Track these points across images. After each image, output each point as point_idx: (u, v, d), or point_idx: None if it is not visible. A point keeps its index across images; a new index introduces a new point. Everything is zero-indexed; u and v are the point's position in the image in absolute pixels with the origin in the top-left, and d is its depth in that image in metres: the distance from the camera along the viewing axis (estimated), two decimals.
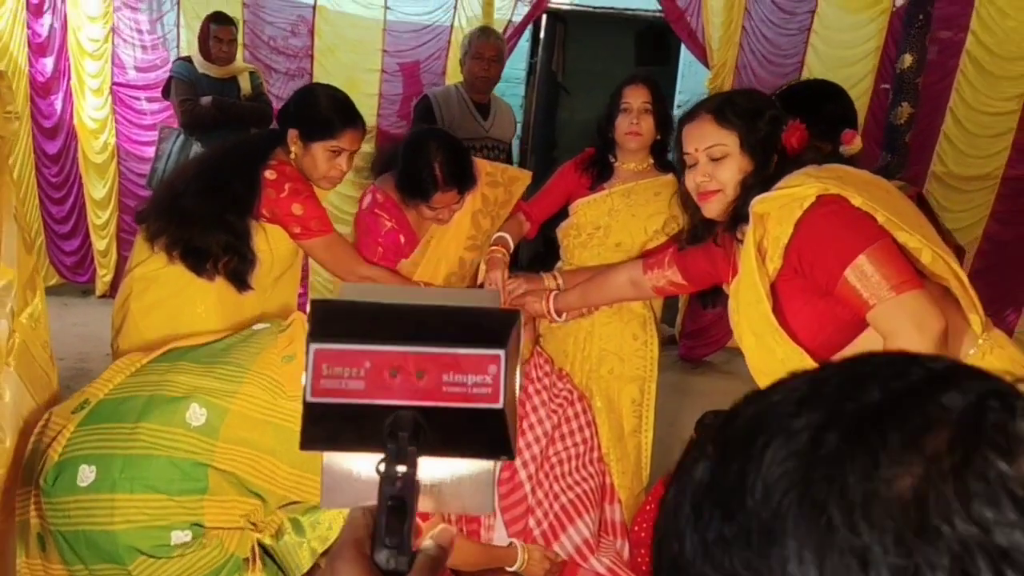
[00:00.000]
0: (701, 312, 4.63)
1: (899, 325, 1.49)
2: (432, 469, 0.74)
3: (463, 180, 2.37)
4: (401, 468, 0.71)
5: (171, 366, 1.76)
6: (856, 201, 1.55)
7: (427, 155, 2.33)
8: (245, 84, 4.34)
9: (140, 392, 1.70)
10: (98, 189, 5.13)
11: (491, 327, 0.79)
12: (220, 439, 1.67)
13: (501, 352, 0.75)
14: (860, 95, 4.53)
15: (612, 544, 2.52)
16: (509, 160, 4.00)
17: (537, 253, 3.35)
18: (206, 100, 4.13)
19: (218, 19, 4.31)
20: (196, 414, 1.66)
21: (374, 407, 0.77)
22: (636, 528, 2.56)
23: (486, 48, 3.68)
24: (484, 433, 0.77)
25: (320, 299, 1.04)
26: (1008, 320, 4.70)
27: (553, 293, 2.37)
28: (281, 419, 1.71)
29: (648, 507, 2.56)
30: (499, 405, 0.74)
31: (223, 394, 1.69)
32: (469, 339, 0.76)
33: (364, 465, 0.74)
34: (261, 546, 1.76)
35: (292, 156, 2.26)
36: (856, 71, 4.60)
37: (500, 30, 4.74)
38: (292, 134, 2.24)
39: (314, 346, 0.77)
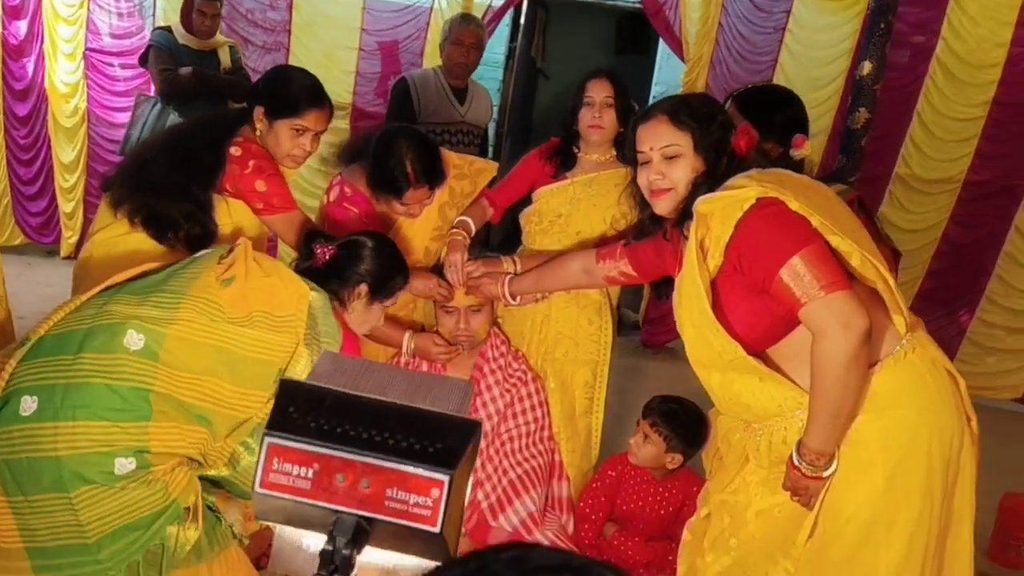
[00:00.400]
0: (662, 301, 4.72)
1: (827, 323, 1.57)
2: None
3: (434, 177, 2.40)
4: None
5: (109, 299, 1.76)
6: (793, 205, 1.62)
7: (398, 153, 2.35)
8: (225, 57, 4.34)
9: (79, 325, 1.71)
10: (67, 152, 5.11)
11: (448, 442, 0.80)
12: (160, 363, 1.67)
13: (447, 478, 0.77)
14: (831, 95, 4.63)
15: (558, 519, 2.61)
16: (484, 145, 4.04)
17: (507, 235, 3.40)
18: (186, 70, 4.13)
19: None
20: (134, 339, 1.67)
21: (318, 507, 0.80)
22: (582, 504, 2.65)
23: (466, 35, 3.68)
24: (424, 544, 0.81)
25: (289, 380, 1.06)
26: (961, 321, 4.82)
27: (508, 276, 2.43)
28: (220, 341, 1.72)
29: (594, 485, 2.64)
30: (436, 529, 0.77)
31: (160, 320, 1.70)
32: (421, 455, 0.79)
33: (314, 540, 0.78)
34: (208, 508, 1.78)
35: (257, 133, 2.28)
36: (829, 71, 4.68)
37: (481, 14, 4.77)
38: (258, 111, 2.27)
39: (268, 439, 0.80)
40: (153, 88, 4.42)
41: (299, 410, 0.83)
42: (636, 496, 2.60)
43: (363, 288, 2.09)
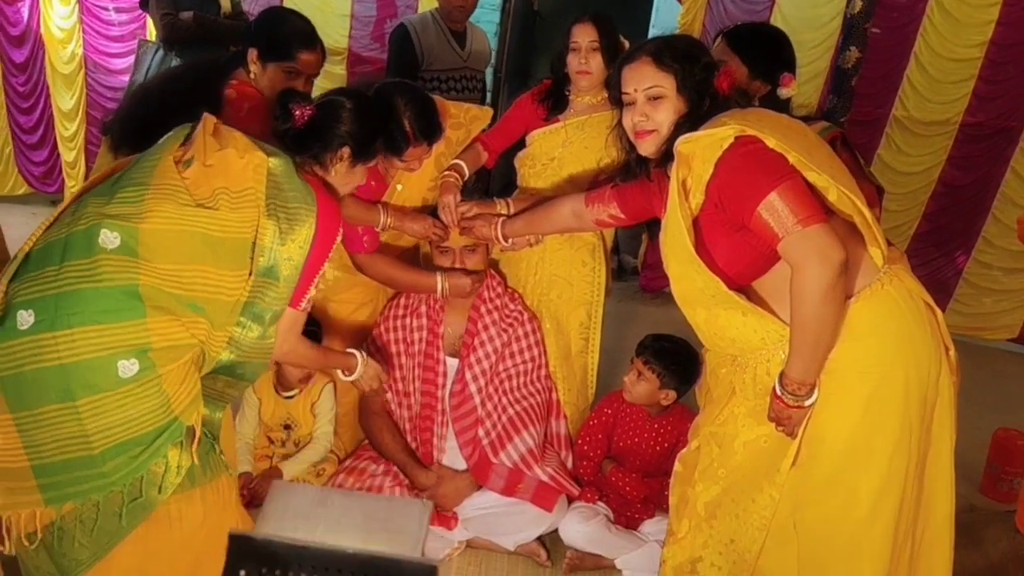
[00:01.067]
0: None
1: (804, 256, 1.61)
2: None
3: (432, 132, 2.41)
4: None
5: (79, 205, 1.78)
6: (771, 142, 1.66)
7: (396, 112, 2.35)
8: (225, 2, 4.31)
9: (58, 234, 1.73)
10: (65, 100, 5.10)
11: None
12: (140, 258, 1.69)
13: None
14: (828, 35, 4.60)
15: (556, 455, 2.69)
16: (484, 89, 4.02)
17: (507, 183, 3.42)
18: (187, 15, 4.10)
19: None
20: (109, 238, 1.69)
21: None
22: (580, 442, 2.73)
23: None
24: None
25: (239, 536, 1.04)
26: (957, 261, 4.87)
27: (501, 220, 2.47)
28: (192, 226, 1.74)
29: (591, 423, 2.72)
30: None
31: (130, 215, 1.71)
32: None
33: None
34: (205, 434, 1.80)
35: (252, 76, 2.30)
36: (827, 11, 4.63)
37: None
38: (252, 53, 2.28)
39: None
40: (153, 33, 4.40)
41: (251, 572, 0.83)
42: (632, 433, 2.68)
43: (345, 151, 2.03)
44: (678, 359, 2.58)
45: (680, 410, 2.69)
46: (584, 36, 2.50)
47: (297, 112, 1.99)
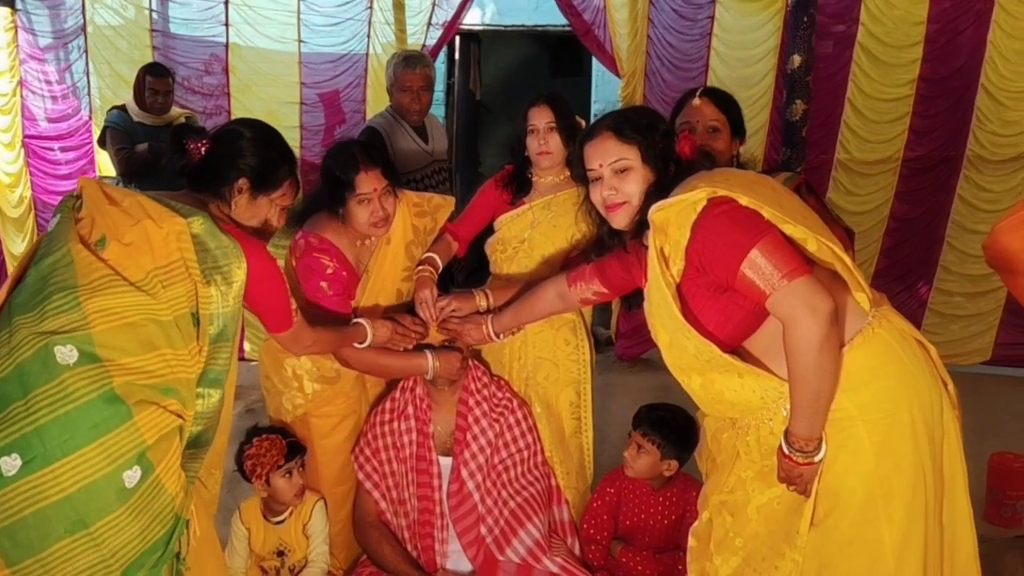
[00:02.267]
0: (633, 313, 4.78)
1: (794, 310, 1.61)
2: None
3: (381, 160, 2.42)
4: None
5: (11, 331, 1.69)
6: (744, 200, 1.67)
7: (342, 147, 2.43)
8: None
9: (5, 369, 1.65)
10: (17, 244, 5.04)
11: None
12: (103, 360, 1.65)
13: None
14: (763, 92, 4.76)
15: (563, 543, 2.61)
16: (452, 175, 4.02)
17: (473, 270, 3.42)
18: (142, 147, 4.16)
19: (154, 71, 4.35)
20: (65, 354, 1.63)
21: None
22: (585, 526, 2.65)
23: (414, 80, 3.59)
24: None
25: None
26: (920, 293, 4.95)
27: (490, 318, 2.46)
28: (137, 315, 1.70)
29: (594, 505, 2.65)
30: None
31: (73, 325, 1.66)
32: None
33: None
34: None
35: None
36: (758, 70, 4.82)
37: None
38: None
39: None
40: (103, 168, 4.42)
41: None
42: (638, 510, 2.62)
43: (243, 183, 1.97)
44: (676, 427, 2.53)
45: (684, 479, 2.63)
46: (541, 118, 2.53)
47: (192, 147, 1.96)
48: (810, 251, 1.70)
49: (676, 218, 1.70)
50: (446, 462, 2.58)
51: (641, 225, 1.82)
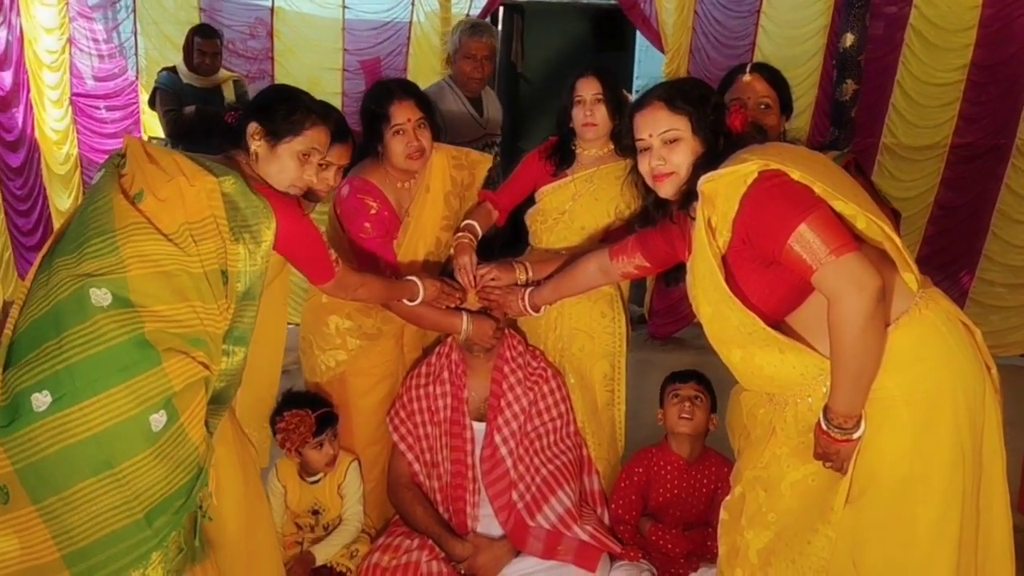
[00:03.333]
0: (668, 290, 4.76)
1: (841, 286, 1.60)
2: None
3: (415, 92, 2.50)
4: None
5: (48, 274, 1.75)
6: (795, 175, 1.65)
7: (378, 86, 2.52)
8: (229, 93, 4.43)
9: (41, 310, 1.70)
10: (63, 200, 5.14)
11: None
12: (136, 306, 1.69)
13: None
14: (811, 72, 4.69)
15: (593, 512, 2.63)
16: (500, 154, 4.01)
17: (507, 240, 3.43)
18: (189, 110, 4.22)
19: (203, 32, 4.41)
20: (99, 296, 1.67)
21: None
22: (614, 507, 2.66)
23: (479, 48, 3.59)
24: None
25: None
26: (962, 282, 4.88)
27: (528, 291, 2.48)
28: (171, 265, 1.74)
29: (622, 485, 2.66)
30: None
31: (109, 268, 1.70)
32: None
33: None
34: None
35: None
36: (806, 49, 4.74)
37: (455, 23, 4.80)
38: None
39: None
40: (149, 128, 4.50)
41: None
42: (671, 486, 2.62)
43: (254, 127, 1.99)
44: (708, 381, 2.64)
45: (714, 455, 2.64)
46: (588, 89, 2.53)
47: (228, 118, 2.10)
48: (859, 228, 1.69)
49: (725, 190, 1.70)
50: (479, 427, 2.60)
51: (688, 196, 1.82)
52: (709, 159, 1.79)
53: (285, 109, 2.01)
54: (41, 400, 1.62)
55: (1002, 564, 1.80)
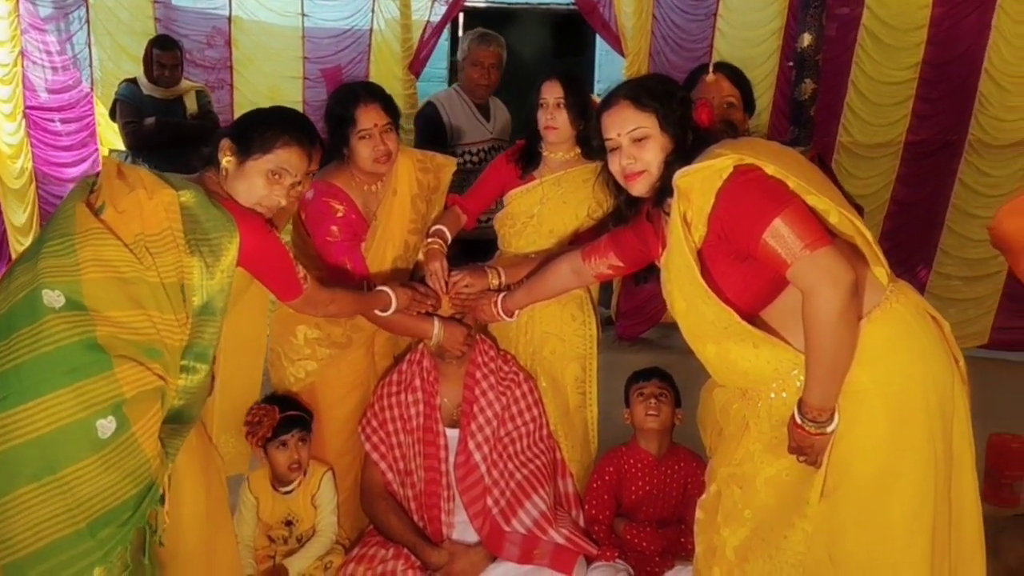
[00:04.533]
0: (635, 291, 4.80)
1: (815, 280, 1.61)
2: None
3: (381, 95, 2.47)
4: None
5: (10, 279, 1.73)
6: (769, 169, 1.67)
7: (343, 85, 2.51)
8: (191, 103, 4.37)
9: None
10: (18, 215, 5.03)
11: None
12: (89, 310, 1.66)
13: None
14: (767, 73, 4.77)
15: (568, 515, 2.63)
16: None
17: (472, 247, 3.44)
18: (149, 121, 4.15)
19: (161, 44, 4.35)
20: (52, 298, 1.65)
21: None
22: (587, 507, 2.66)
23: (486, 56, 3.69)
24: None
25: None
26: (919, 276, 4.97)
27: (501, 296, 2.47)
28: (126, 271, 1.71)
29: (594, 485, 2.66)
30: None
31: (65, 269, 1.67)
32: None
33: None
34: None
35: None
36: (762, 51, 4.82)
37: (419, 31, 4.81)
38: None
39: None
40: (107, 141, 4.42)
41: None
42: (641, 483, 2.63)
43: (225, 142, 1.97)
44: (669, 376, 2.67)
45: (685, 450, 2.66)
46: (551, 93, 2.53)
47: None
48: (831, 223, 1.71)
49: (701, 184, 1.70)
50: (452, 434, 2.59)
51: (662, 192, 1.83)
52: (679, 155, 1.80)
53: (259, 127, 2.00)
54: None
55: (973, 553, 1.84)
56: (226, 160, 1.98)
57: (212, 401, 2.22)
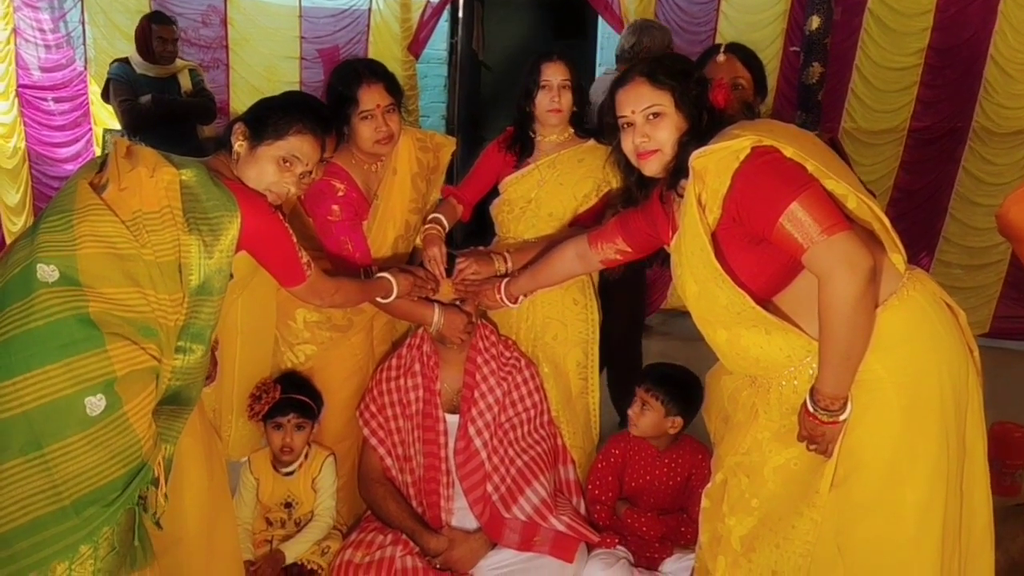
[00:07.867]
0: None
1: (832, 265, 1.57)
2: None
3: (385, 75, 2.40)
4: None
5: (8, 256, 1.72)
6: (788, 152, 1.62)
7: (346, 62, 2.43)
8: (185, 81, 4.30)
9: None
10: (11, 195, 4.97)
11: None
12: (83, 285, 1.64)
13: None
14: (771, 58, 4.70)
15: (568, 502, 2.60)
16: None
17: (471, 231, 3.39)
18: (145, 99, 4.09)
19: (158, 19, 4.27)
20: (47, 272, 1.63)
21: None
22: (590, 487, 2.64)
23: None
24: None
25: None
26: (922, 263, 4.95)
27: (504, 282, 2.43)
28: (125, 248, 1.70)
29: (599, 466, 2.64)
30: None
31: (61, 244, 1.66)
32: None
33: None
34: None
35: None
36: (766, 35, 4.76)
37: (419, 11, 4.75)
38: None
39: None
40: (99, 119, 4.35)
41: None
42: (644, 471, 2.61)
43: (239, 126, 1.96)
44: (680, 384, 2.52)
45: (689, 441, 2.62)
46: (556, 74, 2.49)
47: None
48: (849, 208, 1.66)
49: (716, 166, 1.66)
50: (452, 420, 2.55)
51: (676, 174, 1.78)
52: (693, 135, 1.75)
53: (274, 112, 1.97)
54: None
55: (983, 544, 1.81)
56: (238, 144, 1.96)
57: (227, 384, 2.22)
